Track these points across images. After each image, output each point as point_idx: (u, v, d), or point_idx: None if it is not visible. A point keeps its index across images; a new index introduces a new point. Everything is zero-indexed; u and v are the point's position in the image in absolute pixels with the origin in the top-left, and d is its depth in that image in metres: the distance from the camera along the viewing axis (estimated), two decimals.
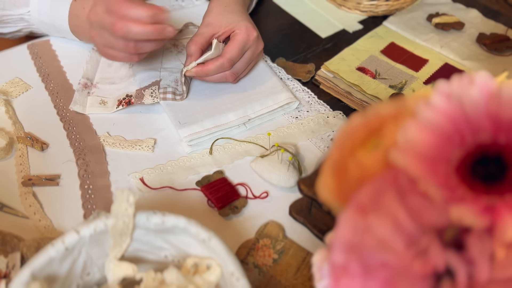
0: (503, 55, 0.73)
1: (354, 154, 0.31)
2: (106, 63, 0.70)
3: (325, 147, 0.59)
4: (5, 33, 0.70)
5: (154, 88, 0.61)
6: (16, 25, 0.68)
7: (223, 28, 0.60)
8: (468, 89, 0.27)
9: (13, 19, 0.67)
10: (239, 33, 0.59)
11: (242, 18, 0.61)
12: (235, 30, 0.59)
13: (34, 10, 0.66)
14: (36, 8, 0.65)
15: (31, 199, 0.52)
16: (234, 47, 0.58)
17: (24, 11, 0.66)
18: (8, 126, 0.60)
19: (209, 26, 0.60)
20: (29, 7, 0.65)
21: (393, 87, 0.66)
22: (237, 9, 0.62)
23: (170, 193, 0.54)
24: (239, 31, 0.59)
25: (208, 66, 0.58)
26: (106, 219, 0.37)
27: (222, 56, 0.58)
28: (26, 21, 0.67)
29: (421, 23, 0.79)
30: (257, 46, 0.62)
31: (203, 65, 0.59)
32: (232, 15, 0.61)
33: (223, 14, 0.61)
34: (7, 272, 0.43)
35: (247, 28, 0.59)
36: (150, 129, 0.61)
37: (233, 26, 0.59)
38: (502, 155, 0.27)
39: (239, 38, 0.58)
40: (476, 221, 0.24)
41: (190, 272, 0.38)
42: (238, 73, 0.62)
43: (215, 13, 0.61)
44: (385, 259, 0.27)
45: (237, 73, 0.61)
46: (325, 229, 0.49)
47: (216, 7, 0.62)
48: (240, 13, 0.62)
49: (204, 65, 0.59)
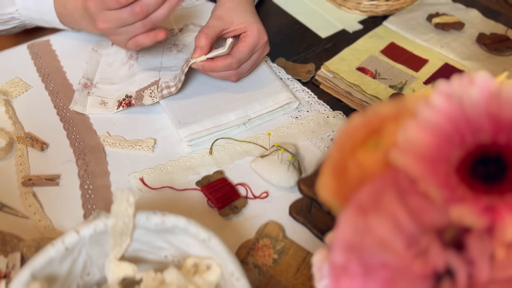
0: (503, 55, 0.73)
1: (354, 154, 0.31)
2: (106, 63, 0.70)
3: (325, 147, 0.59)
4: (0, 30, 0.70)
5: (153, 88, 0.61)
6: (8, 24, 0.69)
7: (235, 25, 0.60)
8: (468, 89, 0.27)
9: (4, 19, 0.67)
10: (250, 35, 0.58)
11: (255, 20, 0.60)
12: (247, 31, 0.59)
13: (21, 8, 0.66)
14: (22, 6, 0.65)
15: (31, 199, 0.52)
16: (244, 48, 0.58)
17: (12, 10, 0.66)
18: (8, 126, 0.60)
19: (220, 20, 0.60)
20: (16, 6, 0.65)
21: (393, 87, 0.66)
22: (249, 9, 0.62)
23: (170, 193, 0.54)
24: (251, 33, 0.59)
25: (216, 63, 0.58)
26: (106, 219, 0.37)
27: (231, 56, 0.58)
28: (17, 19, 0.68)
29: (421, 23, 0.79)
30: (264, 50, 0.62)
31: (211, 61, 0.58)
32: (244, 14, 0.60)
33: (235, 11, 0.60)
34: (7, 272, 0.43)
35: (259, 31, 0.59)
36: (150, 129, 0.61)
37: (246, 26, 0.59)
38: (502, 155, 0.27)
39: (250, 41, 0.58)
40: (476, 221, 0.24)
41: (190, 272, 0.38)
42: (242, 73, 0.62)
43: (227, 8, 0.61)
44: (385, 259, 0.27)
45: (241, 74, 0.61)
46: (325, 229, 0.49)
47: (228, 2, 0.61)
48: (252, 13, 0.62)
49: (212, 61, 0.58)
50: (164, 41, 0.70)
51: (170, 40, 0.71)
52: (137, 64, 0.66)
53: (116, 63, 0.69)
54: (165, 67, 0.65)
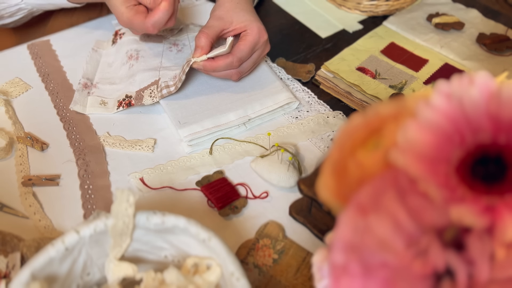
0: (503, 55, 0.73)
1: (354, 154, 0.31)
2: (106, 63, 0.70)
3: (325, 147, 0.59)
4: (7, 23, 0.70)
5: (153, 88, 0.61)
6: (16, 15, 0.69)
7: (234, 24, 0.60)
8: (468, 89, 0.27)
9: (11, 11, 0.67)
10: (250, 34, 0.59)
11: (255, 18, 0.61)
12: (247, 29, 0.59)
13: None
14: None
15: (31, 199, 0.52)
16: (245, 46, 0.58)
17: (18, 1, 0.66)
18: (8, 126, 0.60)
19: (220, 20, 0.60)
20: None
21: (393, 87, 0.66)
22: (248, 8, 0.62)
23: (170, 193, 0.54)
24: (251, 31, 0.59)
25: (217, 62, 0.58)
26: (106, 219, 0.37)
27: (232, 54, 0.58)
28: (25, 9, 0.68)
29: (421, 23, 0.79)
30: (265, 48, 0.62)
31: (212, 61, 0.58)
32: (244, 13, 0.61)
33: (234, 10, 0.61)
34: (7, 272, 0.43)
35: (259, 30, 0.59)
36: (150, 129, 0.61)
37: (245, 25, 0.59)
38: (502, 155, 0.27)
39: (250, 39, 0.58)
40: (476, 221, 0.24)
41: (190, 272, 0.38)
42: (244, 72, 0.62)
43: (226, 8, 0.61)
44: (385, 259, 0.27)
45: (242, 73, 0.61)
46: (325, 229, 0.49)
47: (227, 2, 0.62)
48: (252, 13, 0.62)
49: (213, 60, 0.58)
50: (164, 41, 0.70)
51: (170, 40, 0.71)
52: (137, 64, 0.66)
53: (116, 63, 0.69)
54: (165, 67, 0.65)
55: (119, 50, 0.70)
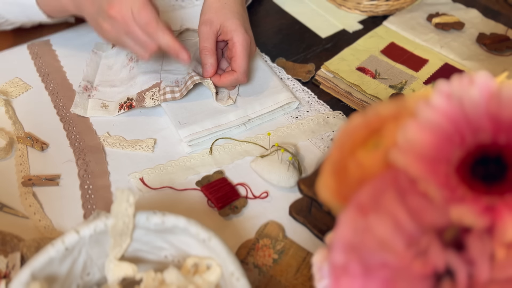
0: (503, 55, 0.73)
1: (354, 154, 0.31)
2: (106, 66, 0.70)
3: (325, 147, 0.59)
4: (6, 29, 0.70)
5: (154, 91, 0.61)
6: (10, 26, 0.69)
7: (222, 27, 0.60)
8: (468, 89, 0.27)
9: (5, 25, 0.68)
10: (238, 43, 0.59)
11: (240, 22, 0.61)
12: (233, 38, 0.60)
13: None
14: None
15: (31, 199, 0.52)
16: (242, 60, 0.60)
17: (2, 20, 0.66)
18: (8, 126, 0.60)
19: (211, 25, 0.60)
20: None
21: (393, 87, 0.66)
22: (235, 9, 0.62)
23: (170, 193, 0.54)
24: (237, 40, 0.59)
25: (223, 80, 0.60)
26: (106, 219, 0.37)
27: (236, 72, 0.60)
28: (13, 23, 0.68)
29: (421, 23, 0.79)
30: (253, 47, 0.64)
31: (219, 78, 0.61)
32: (231, 15, 0.61)
33: (222, 11, 0.61)
34: (7, 272, 0.43)
35: (244, 37, 0.60)
36: (150, 129, 0.61)
37: (231, 33, 0.60)
38: (502, 155, 0.27)
39: (242, 49, 0.59)
40: (476, 221, 0.24)
41: (190, 272, 0.38)
42: (247, 72, 0.62)
43: (214, 10, 0.61)
44: (385, 259, 0.27)
45: (246, 73, 0.62)
46: (325, 229, 0.49)
47: (215, 3, 0.62)
48: (238, 14, 0.62)
49: (220, 78, 0.61)
50: None
51: None
52: (137, 66, 0.66)
53: (116, 66, 0.69)
54: (166, 70, 0.65)
55: (119, 52, 0.70)
